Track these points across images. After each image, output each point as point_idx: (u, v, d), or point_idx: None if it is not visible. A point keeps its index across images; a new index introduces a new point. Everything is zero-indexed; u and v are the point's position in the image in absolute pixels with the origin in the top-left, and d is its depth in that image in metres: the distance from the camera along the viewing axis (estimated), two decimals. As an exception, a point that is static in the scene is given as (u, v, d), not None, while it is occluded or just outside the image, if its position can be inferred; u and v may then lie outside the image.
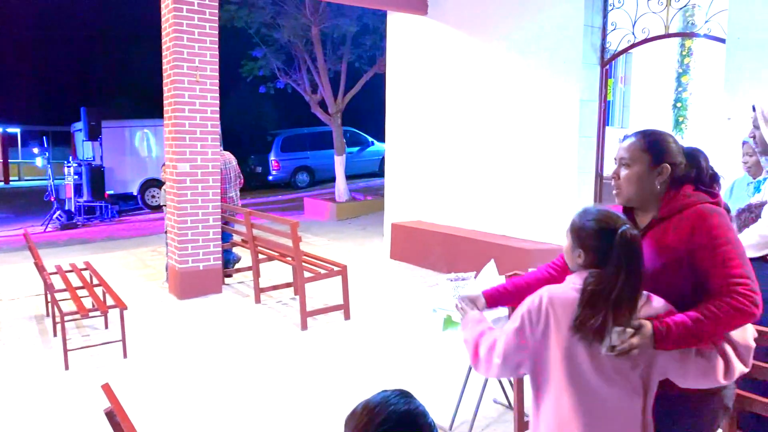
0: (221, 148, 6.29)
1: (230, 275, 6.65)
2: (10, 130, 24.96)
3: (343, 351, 4.54)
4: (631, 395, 1.61)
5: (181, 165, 5.84)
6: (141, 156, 14.43)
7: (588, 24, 5.79)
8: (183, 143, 5.83)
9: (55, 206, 11.88)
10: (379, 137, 13.44)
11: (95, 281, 5.20)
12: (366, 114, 16.14)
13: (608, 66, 5.98)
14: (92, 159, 13.87)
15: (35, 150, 24.67)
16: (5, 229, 11.43)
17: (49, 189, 12.46)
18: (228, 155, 6.54)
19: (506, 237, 6.46)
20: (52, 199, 12.12)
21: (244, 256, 6.77)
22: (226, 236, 6.43)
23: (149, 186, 14.26)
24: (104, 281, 4.98)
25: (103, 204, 12.71)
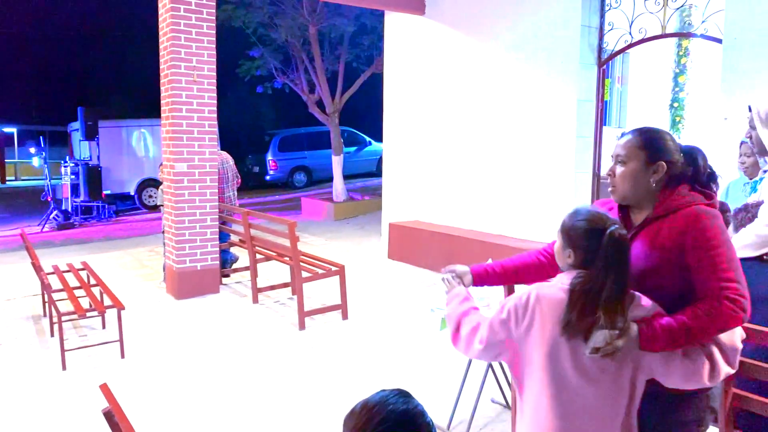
0: (218, 148, 6.29)
1: (228, 275, 6.64)
2: (7, 130, 24.93)
3: (341, 351, 4.54)
4: (615, 395, 1.62)
5: (179, 165, 5.84)
6: (138, 156, 14.40)
7: (585, 24, 5.80)
8: (180, 143, 5.82)
9: (52, 206, 11.86)
10: (377, 137, 13.43)
11: (92, 281, 5.19)
12: (363, 114, 16.15)
13: (605, 66, 5.99)
14: (89, 159, 13.82)
15: (32, 150, 24.61)
16: (2, 229, 11.40)
17: (46, 189, 12.44)
18: (225, 155, 6.53)
19: (504, 236, 6.46)
20: (49, 199, 12.10)
21: (242, 256, 6.76)
22: (224, 236, 6.43)
23: (146, 186, 14.23)
24: (101, 281, 4.98)
25: (100, 204, 12.68)
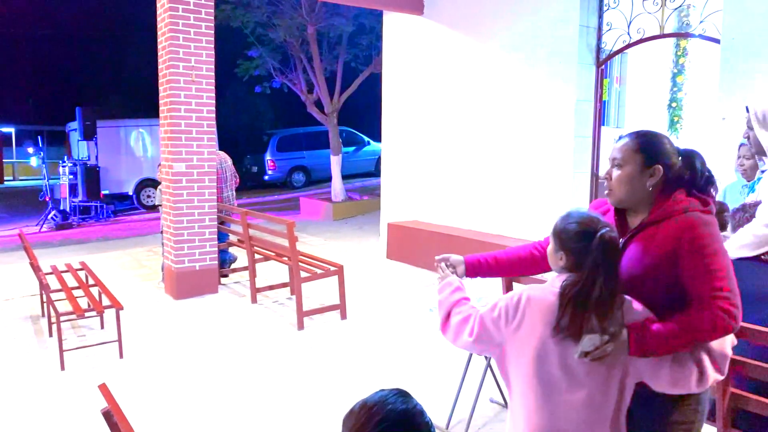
0: (216, 148, 6.28)
1: (226, 275, 6.64)
2: (5, 130, 24.89)
3: (340, 351, 4.54)
4: (603, 398, 1.63)
5: (177, 165, 5.83)
6: (136, 156, 14.38)
7: (584, 24, 5.81)
8: (179, 143, 5.82)
9: (50, 206, 11.84)
10: (375, 137, 13.45)
11: (91, 281, 5.19)
12: (362, 114, 16.15)
13: (604, 66, 6.00)
14: (87, 159, 13.81)
15: (30, 150, 24.56)
16: (0, 230, 11.39)
17: (44, 189, 12.42)
18: (223, 155, 6.53)
19: (502, 236, 6.47)
20: (47, 199, 12.08)
21: (241, 256, 6.76)
22: (222, 236, 6.42)
23: (145, 186, 14.22)
24: (100, 281, 4.97)
25: (99, 204, 12.67)
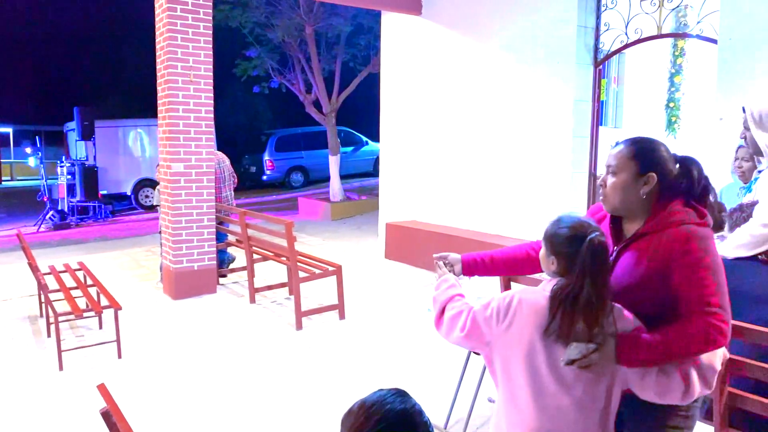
0: (215, 148, 6.28)
1: (225, 275, 6.64)
2: (3, 130, 24.84)
3: (339, 351, 4.54)
4: (590, 402, 1.64)
5: (176, 165, 5.83)
6: (134, 156, 14.38)
7: (581, 24, 5.82)
8: (177, 143, 5.82)
9: (48, 206, 11.84)
10: (374, 137, 13.45)
11: (89, 281, 5.18)
12: (360, 114, 16.15)
13: (601, 66, 6.01)
14: (85, 159, 13.80)
15: (28, 150, 24.48)
16: (-2, 230, 11.37)
17: (42, 189, 12.41)
18: (220, 155, 6.52)
19: (500, 236, 6.48)
20: (45, 199, 12.07)
21: (239, 256, 6.76)
22: (221, 236, 6.42)
23: (143, 186, 14.21)
24: (98, 281, 4.97)
25: (97, 204, 12.66)
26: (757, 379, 2.05)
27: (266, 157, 16.64)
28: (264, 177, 16.79)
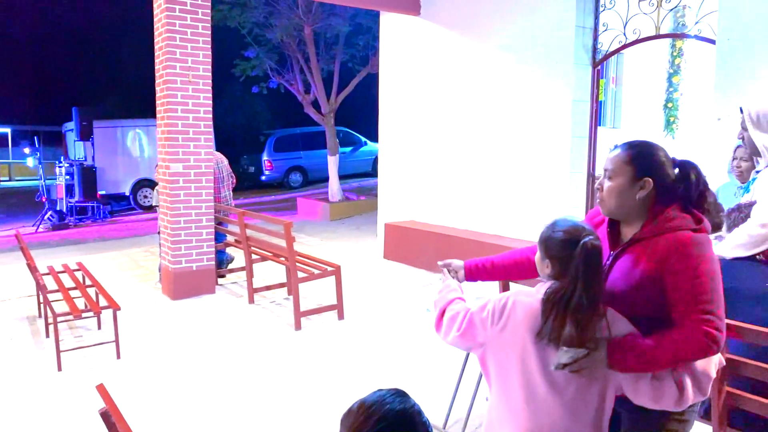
0: (214, 149, 6.28)
1: (223, 276, 6.63)
2: (1, 130, 24.80)
3: (338, 351, 4.55)
4: (583, 406, 1.64)
5: (174, 165, 5.83)
6: (133, 156, 14.37)
7: (580, 25, 5.83)
8: (176, 143, 5.81)
9: (47, 206, 11.83)
10: (372, 137, 13.45)
11: (88, 282, 5.18)
12: (359, 114, 16.16)
13: (600, 66, 6.02)
14: (84, 159, 13.79)
15: (26, 150, 24.50)
16: (-4, 230, 11.36)
17: (41, 189, 12.40)
18: (219, 155, 6.52)
19: (499, 236, 6.48)
20: (44, 200, 12.06)
21: (238, 257, 6.76)
22: (220, 236, 6.42)
23: (141, 186, 14.20)
24: (97, 282, 4.97)
25: (95, 204, 12.65)
26: (755, 379, 2.06)
27: (265, 158, 16.64)
28: (263, 177, 16.79)
